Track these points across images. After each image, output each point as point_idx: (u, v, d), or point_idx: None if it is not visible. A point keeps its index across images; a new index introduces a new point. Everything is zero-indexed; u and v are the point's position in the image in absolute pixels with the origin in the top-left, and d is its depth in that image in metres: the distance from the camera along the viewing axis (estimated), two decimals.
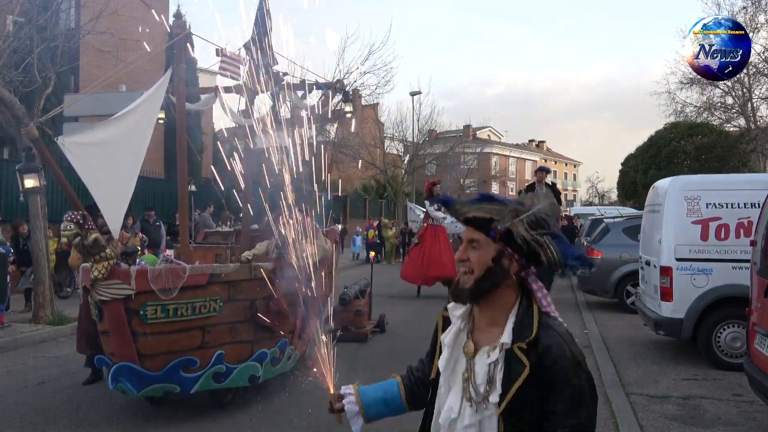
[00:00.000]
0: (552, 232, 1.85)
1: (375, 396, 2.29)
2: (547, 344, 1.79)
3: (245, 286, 5.93)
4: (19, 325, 10.26)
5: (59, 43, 11.37)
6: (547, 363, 1.78)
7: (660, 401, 6.40)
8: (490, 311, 1.90)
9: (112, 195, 5.62)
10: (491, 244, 1.84)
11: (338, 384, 2.36)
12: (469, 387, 1.87)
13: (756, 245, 5.75)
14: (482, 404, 1.84)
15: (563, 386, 1.77)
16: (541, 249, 1.82)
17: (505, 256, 1.84)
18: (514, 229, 1.81)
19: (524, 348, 1.79)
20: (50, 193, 13.47)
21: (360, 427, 2.27)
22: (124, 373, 5.29)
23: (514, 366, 1.80)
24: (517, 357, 1.80)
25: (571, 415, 1.77)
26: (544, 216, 1.86)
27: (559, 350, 1.79)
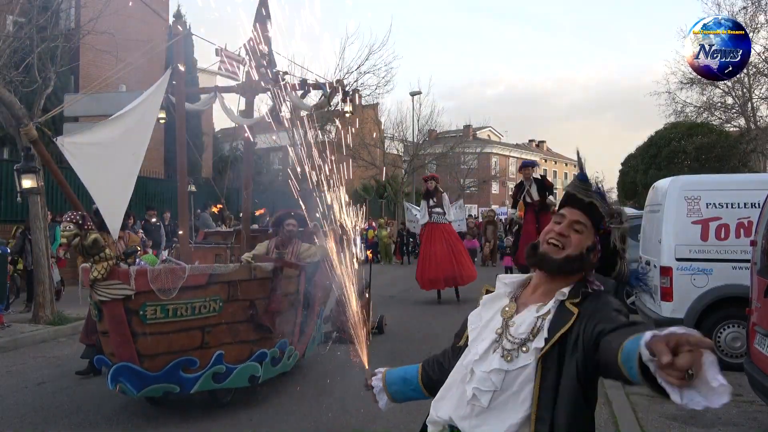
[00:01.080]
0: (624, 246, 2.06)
1: (397, 375, 2.42)
2: (597, 294, 1.92)
3: (245, 286, 5.93)
4: (19, 325, 10.26)
5: (59, 43, 11.38)
6: (595, 306, 1.86)
7: (660, 401, 6.38)
8: (552, 286, 1.98)
9: (111, 195, 5.62)
10: (592, 235, 1.99)
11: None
12: (503, 339, 1.93)
13: (756, 245, 5.75)
14: (515, 352, 1.88)
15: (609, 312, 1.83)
16: (620, 260, 2.04)
17: (595, 250, 1.99)
18: (613, 233, 2.01)
19: (576, 301, 1.89)
20: (50, 194, 13.48)
21: (385, 403, 2.43)
22: (124, 374, 5.28)
23: (562, 316, 1.87)
24: (567, 309, 1.88)
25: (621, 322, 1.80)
26: (628, 233, 2.07)
27: (608, 297, 1.91)
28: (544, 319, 1.90)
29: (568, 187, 2.06)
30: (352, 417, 5.88)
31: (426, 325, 10.46)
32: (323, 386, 6.94)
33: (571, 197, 2.03)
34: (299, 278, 6.78)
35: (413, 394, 2.39)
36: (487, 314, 2.05)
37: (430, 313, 12.20)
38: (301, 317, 6.93)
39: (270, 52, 7.76)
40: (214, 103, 8.31)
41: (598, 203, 2.00)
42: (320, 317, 7.84)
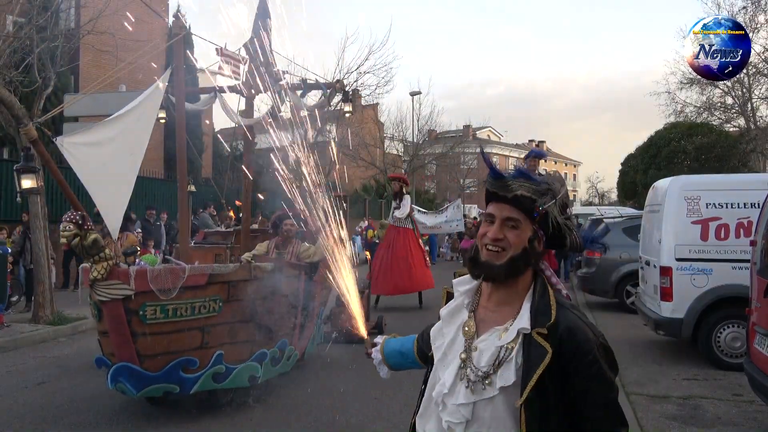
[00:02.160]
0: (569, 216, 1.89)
1: (394, 348, 2.43)
2: (568, 326, 1.75)
3: (245, 286, 5.93)
4: (19, 325, 10.26)
5: (59, 43, 11.38)
6: (569, 347, 1.73)
7: (660, 401, 6.40)
8: (506, 291, 1.86)
9: (110, 195, 5.62)
10: (529, 225, 1.83)
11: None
12: (467, 367, 1.83)
13: (756, 245, 5.75)
14: (480, 384, 1.80)
15: (589, 368, 1.73)
16: (568, 233, 1.85)
17: (537, 238, 1.84)
18: (551, 212, 1.82)
19: (544, 333, 1.74)
20: (50, 194, 13.48)
21: (386, 373, 2.46)
22: (124, 374, 5.28)
23: (534, 352, 1.74)
24: (537, 343, 1.74)
25: (601, 393, 1.76)
26: (568, 200, 1.88)
27: (582, 333, 1.75)
28: (508, 351, 1.79)
29: (488, 186, 1.89)
30: (352, 417, 5.88)
31: (426, 325, 10.44)
32: (323, 386, 6.94)
33: (494, 195, 1.86)
34: (299, 278, 6.78)
35: (412, 365, 2.42)
36: (449, 331, 1.95)
37: (430, 313, 12.20)
38: (301, 317, 6.93)
39: (270, 51, 7.76)
40: (214, 103, 8.31)
41: (522, 192, 1.82)
42: (320, 317, 7.84)
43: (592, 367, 1.73)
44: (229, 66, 7.76)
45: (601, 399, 1.75)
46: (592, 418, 1.76)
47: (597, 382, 1.74)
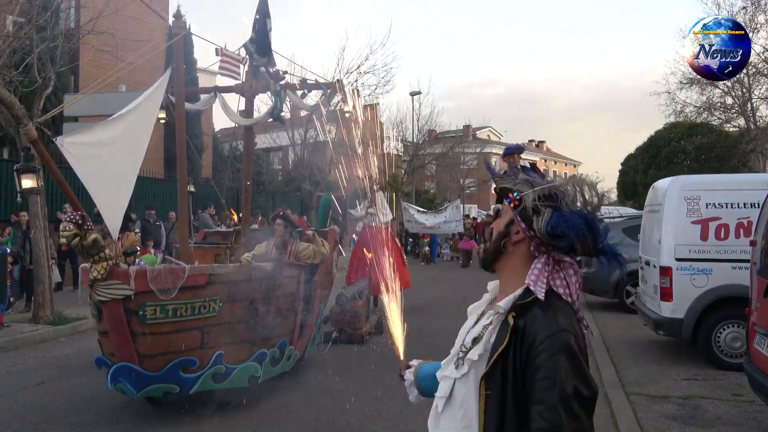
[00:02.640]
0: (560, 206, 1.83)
1: (427, 372, 2.31)
2: (534, 315, 1.76)
3: (244, 286, 5.93)
4: (19, 325, 10.26)
5: (59, 43, 11.38)
6: (529, 334, 1.73)
7: (660, 401, 6.40)
8: (505, 280, 1.91)
9: (111, 195, 5.62)
10: (509, 212, 1.89)
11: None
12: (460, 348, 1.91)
13: (756, 245, 5.75)
14: (462, 360, 1.85)
15: (539, 362, 1.69)
16: (535, 216, 1.82)
17: (515, 224, 1.87)
18: (525, 197, 1.85)
19: (515, 316, 1.78)
20: (50, 194, 13.48)
21: (414, 397, 2.32)
22: (124, 374, 5.28)
23: (502, 332, 1.79)
24: (508, 324, 1.78)
25: (541, 390, 1.67)
26: (561, 190, 1.86)
27: (544, 324, 1.73)
28: (485, 330, 1.85)
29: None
30: (352, 417, 5.88)
31: (426, 325, 10.46)
32: (323, 386, 6.94)
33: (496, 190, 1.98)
34: (299, 278, 6.78)
35: None
36: (468, 323, 2.01)
37: (430, 313, 12.20)
38: (301, 317, 6.93)
39: (270, 51, 7.77)
40: (214, 103, 8.32)
41: (503, 183, 1.94)
42: (320, 317, 7.85)
43: (540, 357, 1.69)
44: (228, 66, 7.76)
45: (540, 395, 1.67)
46: (530, 415, 1.69)
47: (543, 375, 1.68)
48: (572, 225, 1.80)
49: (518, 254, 1.88)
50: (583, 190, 1.90)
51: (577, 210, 1.85)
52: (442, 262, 26.27)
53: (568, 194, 1.86)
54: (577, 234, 1.80)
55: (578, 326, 1.80)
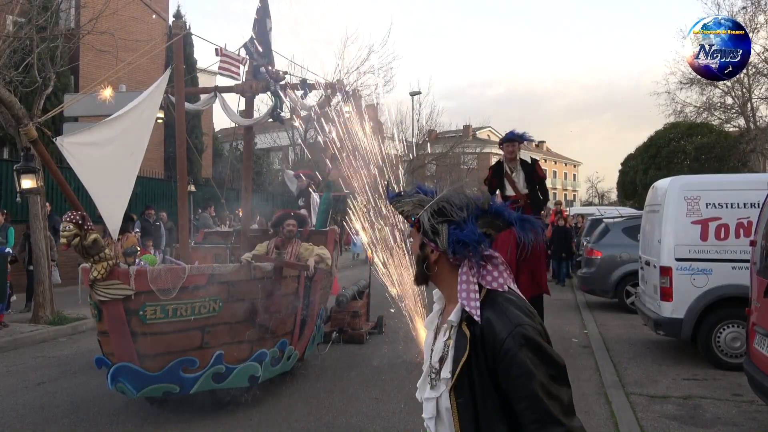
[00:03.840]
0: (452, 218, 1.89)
1: None
2: (487, 318, 1.81)
3: (245, 286, 5.93)
4: (19, 325, 10.26)
5: (59, 43, 11.38)
6: (488, 338, 1.79)
7: (660, 401, 6.40)
8: (448, 292, 1.97)
9: (110, 195, 5.62)
10: (417, 235, 1.97)
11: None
12: (430, 367, 1.97)
13: (756, 245, 5.75)
14: (435, 380, 1.92)
15: (504, 358, 1.75)
16: (438, 237, 1.89)
17: (426, 244, 1.94)
18: (421, 220, 1.92)
19: (468, 325, 1.84)
20: (50, 194, 13.48)
21: None
22: (124, 374, 5.28)
23: (460, 342, 1.84)
24: (463, 332, 1.84)
25: (520, 385, 1.73)
26: (445, 203, 1.91)
27: (498, 323, 1.78)
28: (447, 346, 1.90)
29: None
30: (352, 417, 5.88)
31: None
32: (323, 386, 6.94)
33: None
34: (299, 278, 6.78)
35: None
36: (428, 337, 2.08)
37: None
38: (301, 317, 6.93)
39: (270, 51, 7.76)
40: (214, 103, 8.31)
41: (402, 206, 1.99)
42: (320, 317, 7.84)
43: (507, 357, 1.75)
44: (228, 66, 7.76)
45: (521, 392, 1.73)
46: (518, 412, 1.75)
47: (515, 373, 1.74)
48: (468, 242, 1.86)
49: (444, 268, 1.95)
50: (464, 191, 1.95)
51: (466, 215, 1.90)
52: None
53: (455, 204, 1.91)
54: (475, 243, 1.85)
55: (527, 309, 1.84)
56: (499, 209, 1.94)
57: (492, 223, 1.92)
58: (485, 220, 1.91)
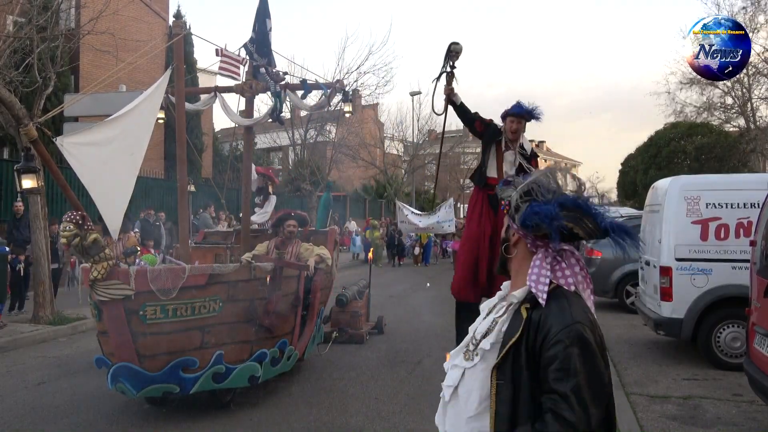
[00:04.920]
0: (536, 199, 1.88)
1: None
2: (550, 306, 1.80)
3: (245, 286, 5.93)
4: (19, 325, 10.26)
5: (59, 43, 11.38)
6: (543, 326, 1.77)
7: (660, 401, 6.40)
8: (515, 278, 1.99)
9: (111, 195, 5.61)
10: (505, 218, 2.03)
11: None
12: (470, 341, 1.97)
13: (756, 245, 5.75)
14: (472, 353, 1.91)
15: (553, 353, 1.73)
16: (516, 213, 1.91)
17: (510, 226, 1.98)
18: (510, 201, 1.95)
19: (528, 308, 1.83)
20: (50, 194, 13.47)
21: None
22: (124, 374, 5.28)
23: (515, 323, 1.84)
24: (520, 314, 1.84)
25: (557, 384, 1.70)
26: (534, 185, 1.91)
27: (559, 316, 1.77)
28: (496, 322, 1.91)
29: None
30: (352, 417, 5.88)
31: (426, 325, 10.46)
32: (323, 386, 6.94)
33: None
34: (299, 278, 6.78)
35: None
36: (479, 319, 2.08)
37: (429, 313, 12.20)
38: (301, 317, 6.93)
39: (270, 51, 7.76)
40: (214, 103, 8.31)
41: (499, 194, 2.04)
42: (320, 317, 7.85)
43: (554, 348, 1.73)
44: (228, 66, 7.76)
45: (552, 385, 1.71)
46: (543, 404, 1.73)
47: (556, 366, 1.72)
48: (542, 213, 1.83)
49: (521, 253, 1.96)
50: (555, 177, 1.94)
51: (552, 198, 1.88)
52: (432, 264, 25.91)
53: (542, 185, 1.91)
54: (548, 220, 1.82)
55: (592, 316, 1.84)
56: (590, 207, 1.88)
57: (579, 221, 1.85)
58: (572, 213, 1.85)
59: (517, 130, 6.52)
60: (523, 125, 6.57)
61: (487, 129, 6.67)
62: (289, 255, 7.05)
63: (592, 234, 1.87)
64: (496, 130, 6.63)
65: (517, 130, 6.52)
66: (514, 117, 6.49)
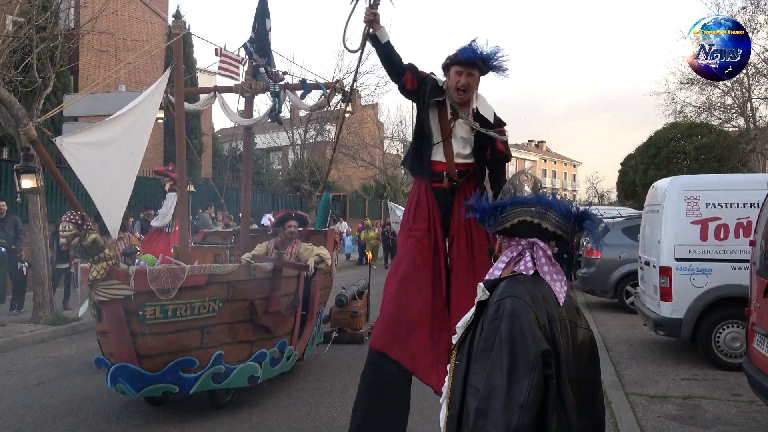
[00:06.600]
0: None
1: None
2: (496, 291, 1.90)
3: (244, 286, 5.93)
4: (18, 325, 10.25)
5: (59, 43, 11.37)
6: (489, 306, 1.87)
7: (660, 401, 6.40)
8: None
9: (110, 195, 5.61)
10: None
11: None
12: None
13: (755, 245, 5.75)
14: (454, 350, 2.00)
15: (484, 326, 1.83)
16: None
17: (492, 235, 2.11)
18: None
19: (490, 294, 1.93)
20: (50, 194, 13.46)
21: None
22: (123, 374, 5.27)
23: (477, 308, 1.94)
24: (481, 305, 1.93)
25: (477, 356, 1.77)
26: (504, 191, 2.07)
27: (496, 292, 1.87)
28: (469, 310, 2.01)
29: None
30: None
31: None
32: (323, 386, 6.94)
33: None
34: (298, 278, 6.78)
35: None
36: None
37: None
38: (301, 317, 6.93)
39: (269, 51, 7.76)
40: (214, 103, 8.31)
41: None
42: (320, 317, 7.84)
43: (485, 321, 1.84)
44: (228, 66, 7.76)
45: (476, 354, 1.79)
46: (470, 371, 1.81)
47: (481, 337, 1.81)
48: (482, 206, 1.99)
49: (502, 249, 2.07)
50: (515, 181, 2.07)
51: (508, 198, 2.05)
52: None
53: (505, 191, 2.06)
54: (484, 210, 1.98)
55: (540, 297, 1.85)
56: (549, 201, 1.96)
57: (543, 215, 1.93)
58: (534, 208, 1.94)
59: (467, 85, 4.30)
60: (477, 79, 4.35)
61: (423, 85, 4.39)
62: (288, 255, 7.05)
63: (562, 226, 1.93)
64: (437, 87, 4.40)
65: (468, 86, 4.30)
66: (461, 66, 4.28)
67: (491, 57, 4.26)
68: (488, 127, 4.37)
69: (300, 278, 6.78)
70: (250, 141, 8.41)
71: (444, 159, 4.38)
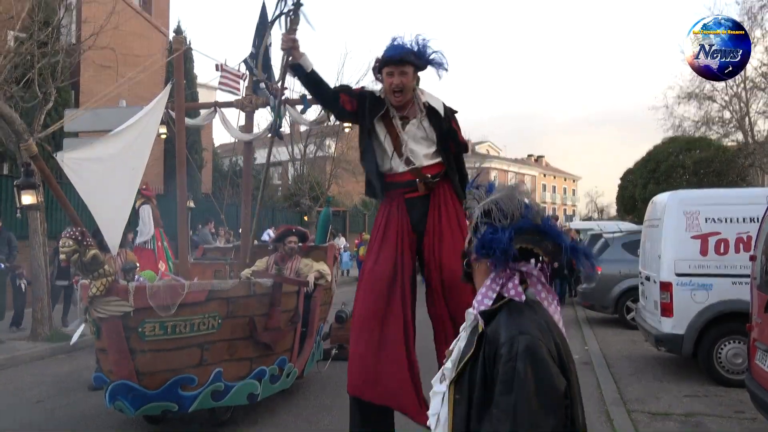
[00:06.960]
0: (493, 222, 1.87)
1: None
2: (498, 320, 1.80)
3: (244, 303, 5.90)
4: (17, 342, 10.20)
5: (60, 59, 11.43)
6: (492, 341, 1.77)
7: (662, 418, 6.35)
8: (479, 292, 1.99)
9: (111, 211, 5.60)
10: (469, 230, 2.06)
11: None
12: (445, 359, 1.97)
13: (756, 260, 5.74)
14: (443, 375, 1.92)
15: (499, 368, 1.72)
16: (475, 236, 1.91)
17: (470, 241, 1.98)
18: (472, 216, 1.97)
19: (485, 323, 1.83)
20: (50, 210, 13.46)
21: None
22: (122, 392, 5.23)
23: (472, 338, 1.84)
24: (478, 330, 1.84)
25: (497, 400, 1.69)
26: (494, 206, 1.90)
27: (503, 328, 1.77)
28: (458, 340, 1.91)
29: None
30: None
31: (424, 342, 10.38)
32: (323, 404, 6.89)
33: None
34: (298, 294, 6.75)
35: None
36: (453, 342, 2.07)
37: (427, 327, 12.14)
38: (300, 334, 6.89)
39: (270, 66, 7.79)
40: (214, 118, 8.33)
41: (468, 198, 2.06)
42: (320, 334, 7.80)
43: (500, 362, 1.72)
44: (228, 82, 7.80)
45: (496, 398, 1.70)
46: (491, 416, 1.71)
47: (500, 379, 1.71)
48: (493, 244, 1.83)
49: (481, 269, 1.95)
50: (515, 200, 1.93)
51: (509, 224, 1.88)
52: None
53: (501, 209, 1.90)
54: (500, 250, 1.81)
55: (545, 325, 1.82)
56: (549, 229, 1.88)
57: (539, 243, 1.86)
58: (531, 237, 1.86)
59: (401, 85, 4.04)
60: (411, 77, 4.08)
61: (362, 103, 4.20)
62: (288, 271, 7.03)
63: (553, 254, 1.89)
64: (375, 99, 4.21)
65: (403, 85, 4.04)
66: (391, 66, 4.05)
67: (423, 50, 4.04)
68: (441, 119, 4.21)
69: (300, 294, 6.76)
70: (250, 156, 8.42)
71: (407, 167, 4.21)
